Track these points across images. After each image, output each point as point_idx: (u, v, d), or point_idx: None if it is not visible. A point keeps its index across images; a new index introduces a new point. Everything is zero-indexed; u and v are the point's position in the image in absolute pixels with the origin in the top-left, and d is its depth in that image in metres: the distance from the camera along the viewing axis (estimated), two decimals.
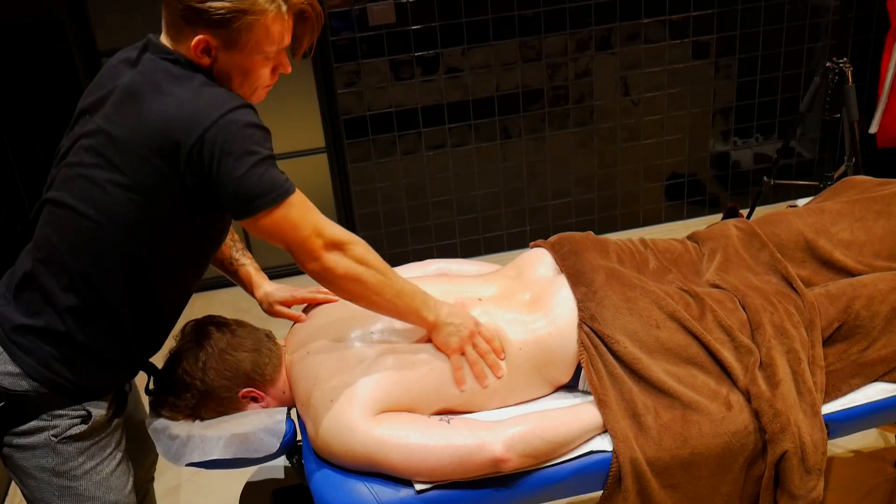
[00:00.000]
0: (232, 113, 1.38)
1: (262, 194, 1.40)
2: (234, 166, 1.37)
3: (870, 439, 2.53)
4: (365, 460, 1.52)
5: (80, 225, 1.46)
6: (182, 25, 1.41)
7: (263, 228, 1.44)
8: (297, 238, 1.45)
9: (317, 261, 1.47)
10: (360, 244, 1.52)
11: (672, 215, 4.06)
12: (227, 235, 1.67)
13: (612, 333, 1.67)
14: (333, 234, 1.48)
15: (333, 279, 1.50)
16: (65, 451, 1.56)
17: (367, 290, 1.53)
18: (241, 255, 1.88)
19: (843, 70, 3.11)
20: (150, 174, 1.40)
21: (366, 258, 1.52)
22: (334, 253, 1.48)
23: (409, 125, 3.59)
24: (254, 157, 1.39)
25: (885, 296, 1.75)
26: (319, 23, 1.49)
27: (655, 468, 1.57)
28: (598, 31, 3.58)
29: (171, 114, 1.38)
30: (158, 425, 1.67)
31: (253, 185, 1.39)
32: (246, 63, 1.44)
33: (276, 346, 1.76)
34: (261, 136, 1.42)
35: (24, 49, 3.29)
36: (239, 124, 1.38)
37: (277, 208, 1.42)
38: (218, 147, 1.36)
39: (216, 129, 1.36)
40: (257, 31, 1.40)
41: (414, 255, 3.80)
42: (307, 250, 1.46)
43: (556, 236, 1.96)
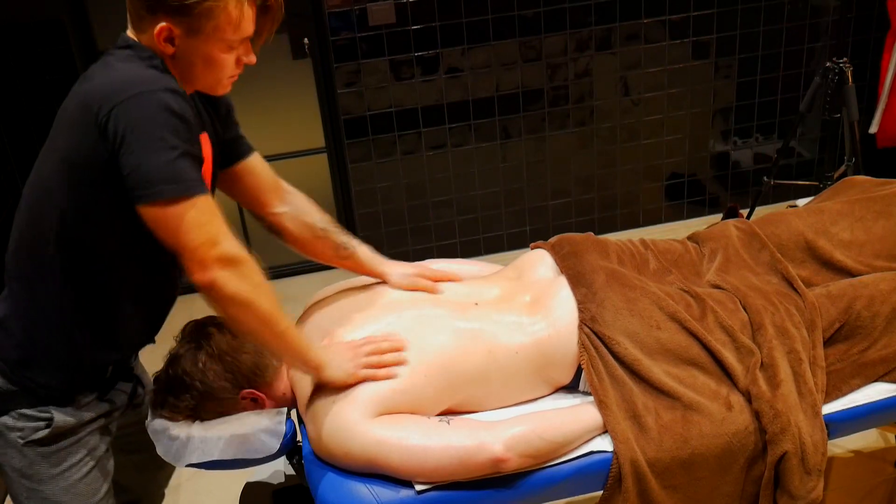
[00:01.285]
0: (154, 93, 1.32)
1: (158, 183, 1.31)
2: (138, 145, 1.31)
3: (870, 439, 2.53)
4: (365, 462, 1.52)
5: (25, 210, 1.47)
6: (144, 14, 1.40)
7: (153, 220, 1.34)
8: (188, 242, 1.34)
9: (205, 273, 1.35)
10: (256, 268, 1.41)
11: (672, 215, 4.06)
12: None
13: (613, 334, 1.67)
14: (230, 250, 1.37)
15: (219, 298, 1.38)
16: (29, 454, 1.56)
17: (254, 318, 1.42)
18: (349, 238, 1.83)
19: (843, 70, 3.11)
20: (72, 144, 1.38)
21: (261, 285, 1.41)
22: (227, 269, 1.36)
23: (409, 125, 3.59)
24: (162, 142, 1.31)
25: (886, 296, 1.75)
26: (280, 14, 1.49)
27: (656, 469, 1.57)
28: (598, 31, 3.58)
29: (98, 84, 1.37)
30: (158, 426, 1.66)
31: (151, 170, 1.31)
32: (208, 51, 1.43)
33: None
34: (177, 125, 1.33)
35: (24, 49, 3.29)
36: (156, 105, 1.32)
37: (173, 203, 1.32)
38: (126, 121, 1.31)
39: (130, 103, 1.31)
40: (218, 17, 1.39)
41: (414, 255, 3.80)
42: (197, 259, 1.35)
43: (556, 237, 1.96)
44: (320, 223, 1.81)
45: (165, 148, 1.32)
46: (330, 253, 1.83)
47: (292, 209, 1.80)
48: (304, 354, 1.54)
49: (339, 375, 1.57)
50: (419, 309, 1.73)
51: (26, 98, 3.35)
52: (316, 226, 1.80)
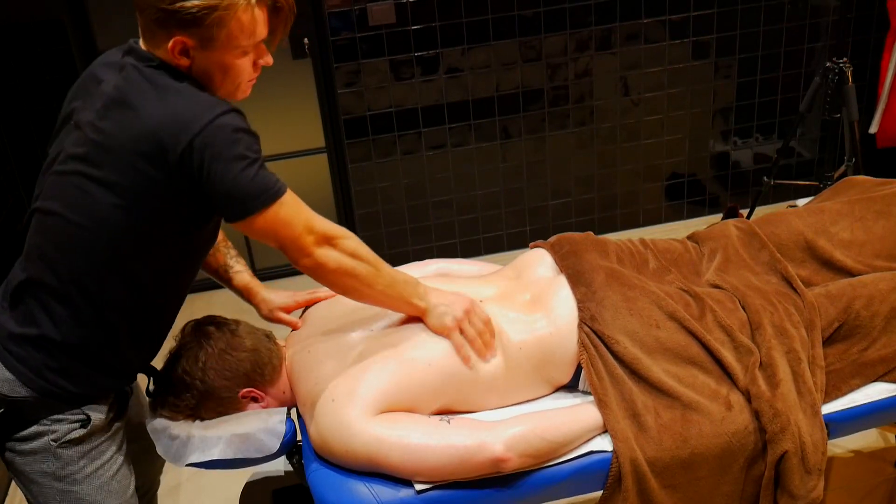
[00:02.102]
0: (220, 118, 1.39)
1: (254, 197, 1.42)
2: (225, 170, 1.38)
3: (870, 439, 2.53)
4: (365, 460, 1.52)
5: (70, 232, 1.46)
6: (156, 30, 1.41)
7: (257, 230, 1.46)
8: (290, 236, 1.47)
9: (309, 257, 1.49)
10: (351, 238, 1.54)
11: (672, 215, 4.06)
12: (216, 239, 1.67)
13: (612, 333, 1.67)
14: (324, 230, 1.51)
15: (325, 274, 1.52)
16: (65, 455, 1.56)
17: (359, 282, 1.55)
18: (235, 262, 1.87)
19: (843, 70, 3.11)
20: (137, 179, 1.40)
21: (357, 251, 1.54)
22: (325, 248, 1.50)
23: (409, 125, 3.59)
24: (243, 161, 1.40)
25: (886, 296, 1.75)
26: (292, 14, 1.51)
27: (655, 468, 1.57)
28: (598, 31, 3.58)
29: (160, 119, 1.38)
30: (158, 425, 1.67)
31: (244, 188, 1.41)
32: (224, 59, 1.45)
33: (277, 346, 1.76)
34: (249, 140, 1.42)
35: (24, 49, 3.29)
36: (227, 129, 1.39)
37: (269, 209, 1.44)
38: (207, 152, 1.37)
39: (205, 134, 1.37)
40: (230, 25, 1.40)
41: (414, 255, 3.80)
42: (299, 247, 1.48)
43: (555, 237, 1.96)
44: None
45: (247, 165, 1.40)
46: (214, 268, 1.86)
47: None
48: (409, 303, 1.63)
49: (438, 323, 1.64)
50: None
51: (26, 98, 3.35)
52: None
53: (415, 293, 1.63)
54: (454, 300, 1.66)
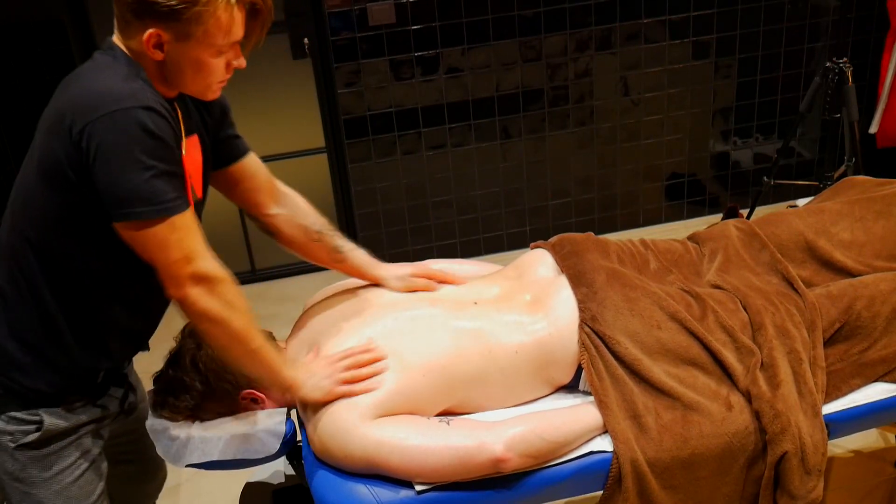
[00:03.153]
0: (128, 111, 1.32)
1: (133, 204, 1.34)
2: (111, 166, 1.32)
3: (870, 439, 2.53)
4: (365, 463, 1.52)
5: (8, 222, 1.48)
6: (132, 20, 1.38)
7: (129, 238, 1.38)
8: (163, 260, 1.38)
9: (178, 288, 1.39)
10: (232, 286, 1.44)
11: (672, 215, 4.06)
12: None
13: (613, 334, 1.67)
14: (205, 268, 1.40)
15: (192, 314, 1.42)
16: (21, 457, 1.55)
17: (225, 334, 1.45)
18: (344, 242, 1.82)
19: (843, 70, 3.11)
20: (48, 154, 1.38)
21: (233, 301, 1.43)
22: (200, 287, 1.39)
23: (409, 125, 3.59)
24: (135, 164, 1.32)
25: (887, 296, 1.75)
26: (270, 17, 1.48)
27: (656, 469, 1.57)
28: (598, 31, 3.58)
29: (75, 95, 1.35)
30: (158, 426, 1.66)
31: (125, 190, 1.33)
32: (198, 56, 1.41)
33: (276, 346, 1.76)
34: (153, 145, 1.33)
35: (24, 49, 3.29)
36: (132, 124, 1.32)
37: (147, 224, 1.35)
38: (100, 140, 1.31)
39: (104, 121, 1.31)
40: (207, 22, 1.37)
41: (414, 255, 3.80)
42: (171, 275, 1.39)
43: (556, 237, 1.96)
44: (315, 226, 1.81)
45: (140, 168, 1.32)
46: (324, 256, 1.83)
47: (287, 211, 1.80)
48: (278, 374, 1.54)
49: (316, 395, 1.56)
50: (417, 309, 1.73)
51: (26, 98, 3.35)
52: (311, 228, 1.80)
53: (282, 365, 1.54)
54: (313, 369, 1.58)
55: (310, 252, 1.83)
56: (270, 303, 3.48)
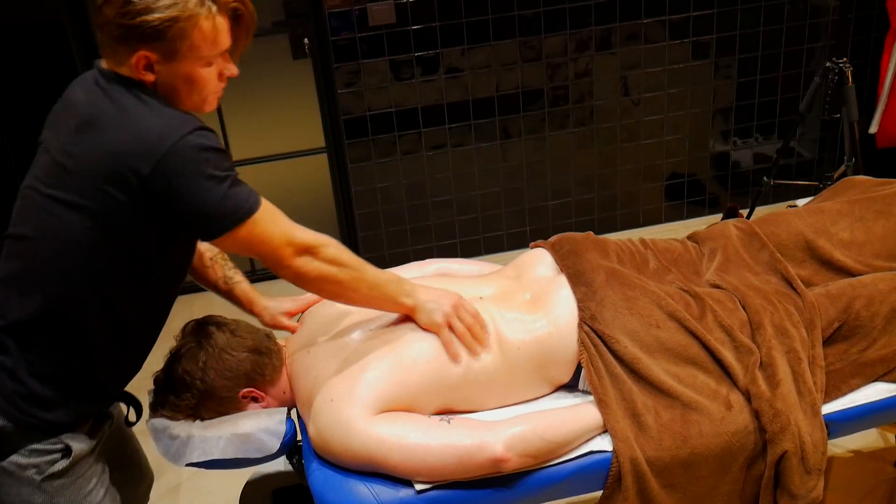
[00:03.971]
0: (185, 138, 1.37)
1: (225, 216, 1.41)
2: (194, 192, 1.38)
3: (870, 439, 2.53)
4: (365, 460, 1.52)
5: (41, 256, 1.44)
6: (118, 46, 1.40)
7: (232, 246, 1.47)
8: (267, 249, 1.48)
9: (288, 268, 1.50)
10: (331, 245, 1.54)
11: (672, 215, 4.06)
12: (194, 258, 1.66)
13: (613, 333, 1.67)
14: (303, 240, 1.50)
15: (307, 283, 1.53)
16: (50, 488, 1.52)
17: (343, 288, 1.56)
18: (234, 273, 1.87)
19: (843, 70, 3.11)
20: (104, 202, 1.38)
21: (338, 258, 1.54)
22: (305, 258, 1.50)
23: (409, 125, 3.59)
24: (212, 180, 1.38)
25: (886, 296, 1.75)
26: (253, 21, 1.50)
27: (655, 468, 1.57)
28: (598, 31, 3.58)
29: (126, 141, 1.37)
30: (158, 425, 1.67)
31: (214, 207, 1.40)
32: (188, 71, 1.43)
33: (277, 346, 1.76)
34: (216, 158, 1.40)
35: (24, 49, 3.29)
36: (194, 149, 1.37)
37: (242, 226, 1.43)
38: (174, 174, 1.36)
39: (170, 156, 1.35)
40: (192, 36, 1.39)
41: (414, 255, 3.80)
42: (278, 259, 1.49)
43: (556, 236, 1.96)
44: (209, 253, 1.84)
45: (217, 183, 1.39)
46: (216, 282, 1.86)
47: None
48: (396, 302, 1.64)
49: (427, 319, 1.64)
50: None
51: (26, 98, 3.35)
52: (204, 255, 1.83)
53: (401, 291, 1.64)
54: (442, 296, 1.66)
55: (203, 275, 1.85)
56: None
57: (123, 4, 1.36)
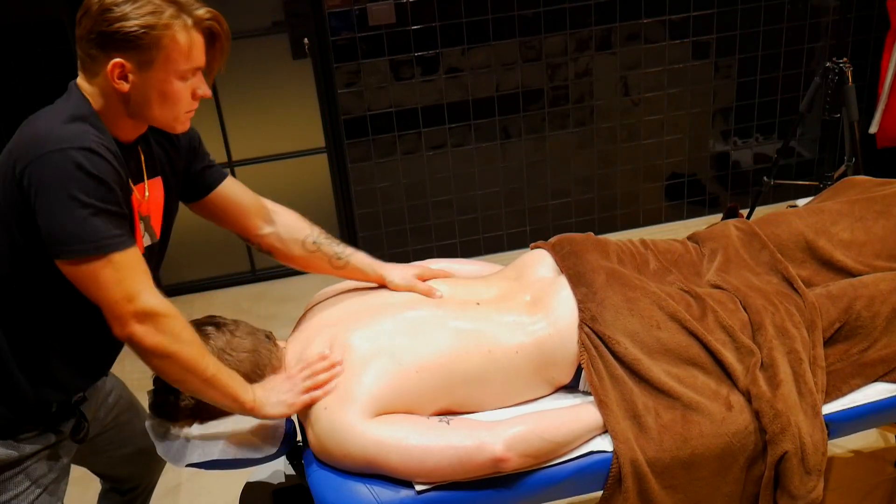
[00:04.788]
0: (67, 151, 1.34)
1: (70, 242, 1.35)
2: (49, 206, 1.34)
3: (870, 439, 2.53)
4: (364, 462, 1.52)
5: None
6: (96, 54, 1.41)
7: (70, 276, 1.38)
8: (105, 299, 1.38)
9: (123, 327, 1.39)
10: (178, 319, 1.44)
11: (672, 215, 4.06)
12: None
13: (613, 334, 1.67)
14: (147, 305, 1.39)
15: (141, 352, 1.42)
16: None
17: (178, 367, 1.44)
18: (342, 249, 1.83)
19: (843, 70, 3.11)
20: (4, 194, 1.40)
21: (181, 334, 1.43)
22: (145, 325, 1.39)
23: (409, 125, 3.59)
24: (72, 202, 1.33)
25: (886, 296, 1.75)
26: (228, 44, 1.50)
27: (656, 469, 1.57)
28: (598, 31, 3.58)
29: (20, 140, 1.39)
30: (158, 425, 1.66)
31: (62, 229, 1.34)
32: (162, 84, 1.43)
33: (276, 346, 1.76)
34: (90, 184, 1.34)
35: (24, 49, 3.29)
36: (68, 164, 1.33)
37: (85, 262, 1.35)
38: (37, 180, 1.34)
39: (41, 162, 1.33)
40: (167, 46, 1.40)
41: (414, 255, 3.80)
42: (115, 315, 1.38)
43: (556, 237, 1.96)
44: (310, 238, 1.81)
45: (76, 207, 1.33)
46: (325, 266, 1.84)
47: (279, 229, 1.79)
48: (238, 398, 1.54)
49: (280, 409, 1.58)
50: (417, 310, 1.73)
51: (26, 98, 3.35)
52: (306, 242, 1.81)
53: (241, 388, 1.54)
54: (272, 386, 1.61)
55: (310, 264, 1.84)
56: (270, 303, 3.48)
57: (102, 13, 1.38)
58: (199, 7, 1.45)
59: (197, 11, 1.44)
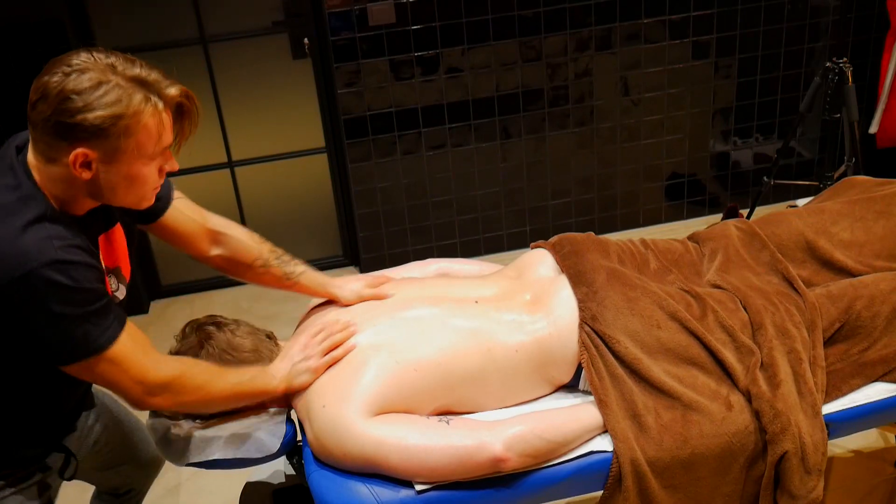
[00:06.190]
0: (36, 272, 1.26)
1: (66, 352, 1.34)
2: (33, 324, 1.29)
3: (870, 439, 2.53)
4: (364, 462, 1.52)
5: None
6: (54, 141, 1.30)
7: (77, 374, 1.37)
8: (115, 389, 1.42)
9: (143, 405, 1.46)
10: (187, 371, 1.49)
11: (672, 215, 4.06)
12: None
13: (613, 333, 1.67)
14: (156, 380, 1.43)
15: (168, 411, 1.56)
16: None
17: (204, 405, 1.57)
18: (294, 267, 1.84)
19: (843, 70, 3.11)
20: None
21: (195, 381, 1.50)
22: (161, 396, 1.45)
23: (409, 125, 3.59)
24: (55, 318, 1.29)
25: (886, 296, 1.75)
26: (197, 116, 1.40)
27: (656, 468, 1.57)
28: (598, 31, 3.58)
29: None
30: (159, 425, 1.67)
31: (51, 344, 1.32)
32: (129, 170, 1.34)
33: (277, 346, 1.76)
34: (67, 296, 1.29)
35: (24, 49, 3.29)
36: (42, 284, 1.26)
37: (84, 362, 1.35)
38: (16, 305, 1.27)
39: (13, 287, 1.26)
40: (137, 134, 1.31)
41: (414, 255, 3.80)
42: (130, 400, 1.44)
43: (556, 237, 1.96)
44: (258, 261, 1.80)
45: (59, 321, 1.30)
46: (275, 284, 1.85)
47: (226, 250, 1.77)
48: (268, 391, 1.62)
49: (306, 378, 1.63)
50: (417, 308, 1.73)
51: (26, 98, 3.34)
52: (254, 263, 1.79)
53: (263, 382, 1.61)
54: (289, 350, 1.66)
55: (261, 281, 1.84)
56: (270, 303, 3.48)
57: (62, 101, 1.28)
58: (170, 85, 1.34)
59: (168, 91, 1.34)
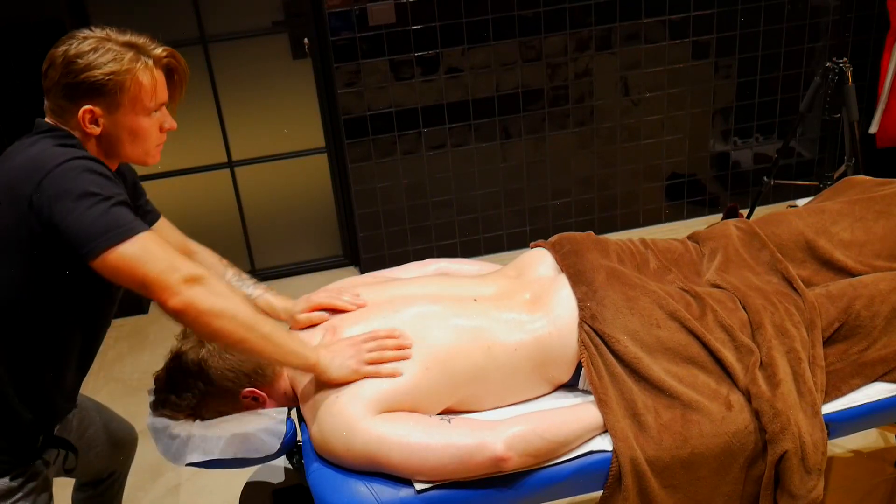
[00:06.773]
0: (70, 161, 1.41)
1: (102, 234, 1.36)
2: (70, 207, 1.37)
3: (870, 439, 2.53)
4: (365, 459, 1.52)
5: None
6: (65, 104, 1.49)
7: (110, 270, 1.38)
8: (149, 275, 1.37)
9: (176, 296, 1.37)
10: (220, 279, 1.50)
11: (672, 215, 4.06)
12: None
13: (613, 333, 1.67)
14: (191, 269, 1.40)
15: (199, 315, 1.39)
16: None
17: (240, 326, 1.43)
18: (252, 290, 1.87)
19: (843, 70, 3.11)
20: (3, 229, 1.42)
21: (230, 292, 1.45)
22: (196, 287, 1.39)
23: (409, 125, 3.59)
24: (92, 198, 1.37)
25: (886, 296, 1.75)
26: (186, 76, 1.59)
27: (655, 468, 1.57)
28: (598, 31, 3.59)
29: (17, 168, 1.43)
30: (159, 424, 1.67)
31: (90, 224, 1.36)
32: (131, 122, 1.51)
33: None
34: (101, 180, 1.41)
35: (24, 49, 3.29)
36: (77, 170, 1.40)
37: (120, 246, 1.36)
38: (55, 190, 1.38)
39: (54, 174, 1.39)
40: (132, 88, 1.48)
41: (414, 255, 3.80)
42: (164, 286, 1.37)
43: (556, 236, 1.96)
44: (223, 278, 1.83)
45: (97, 201, 1.38)
46: None
47: None
48: (302, 355, 1.55)
49: (343, 373, 1.58)
50: (417, 307, 1.73)
51: (26, 98, 3.35)
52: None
53: (302, 344, 1.57)
54: (337, 349, 1.61)
55: None
56: None
57: (67, 65, 1.46)
58: (157, 47, 1.54)
59: (154, 51, 1.53)
